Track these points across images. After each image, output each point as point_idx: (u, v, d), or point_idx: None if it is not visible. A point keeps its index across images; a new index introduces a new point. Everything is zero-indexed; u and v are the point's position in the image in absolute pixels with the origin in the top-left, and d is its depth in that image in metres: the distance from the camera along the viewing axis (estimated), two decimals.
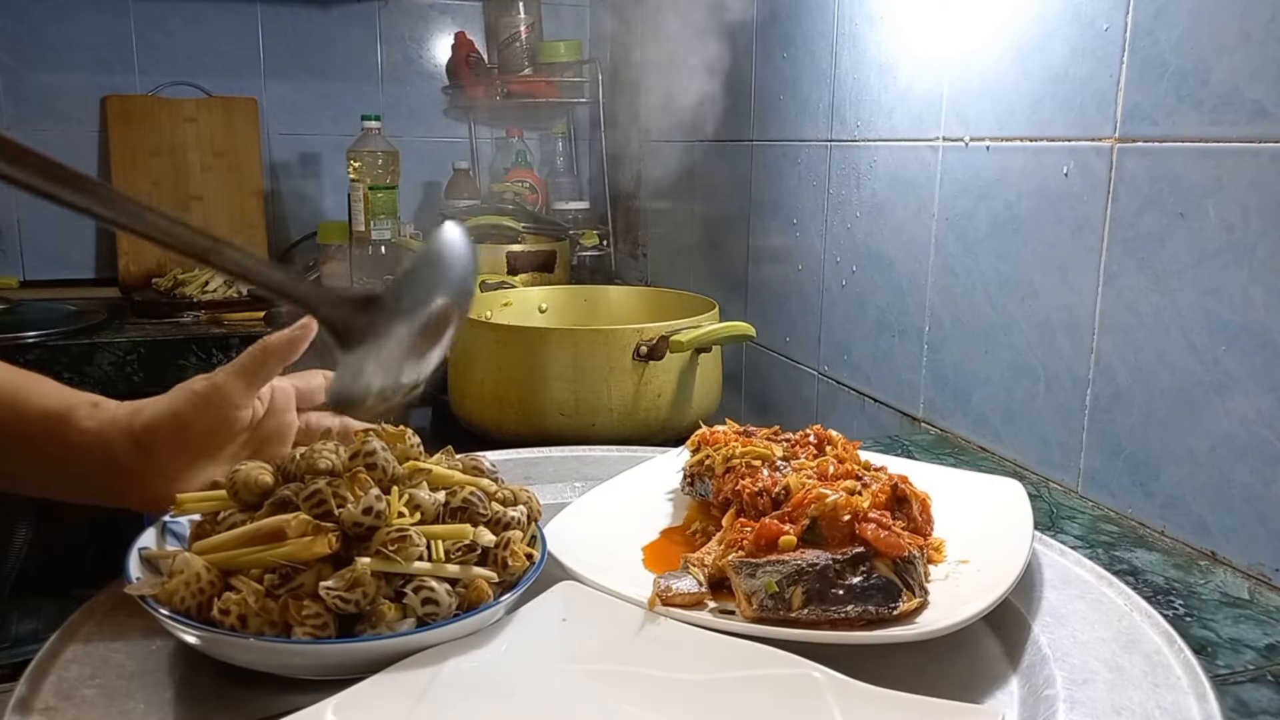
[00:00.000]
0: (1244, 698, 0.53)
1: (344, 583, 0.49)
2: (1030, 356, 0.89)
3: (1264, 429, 0.67)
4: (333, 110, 2.11)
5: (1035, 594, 0.59)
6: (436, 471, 0.58)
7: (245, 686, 0.51)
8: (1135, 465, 0.78)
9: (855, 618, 0.53)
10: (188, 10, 1.99)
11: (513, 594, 0.54)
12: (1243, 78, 0.67)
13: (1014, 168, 0.89)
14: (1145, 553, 0.72)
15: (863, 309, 1.16)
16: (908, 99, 1.05)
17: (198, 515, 0.57)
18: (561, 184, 2.25)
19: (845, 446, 0.70)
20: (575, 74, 2.13)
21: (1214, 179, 0.70)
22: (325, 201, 2.14)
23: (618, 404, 1.01)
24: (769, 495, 0.61)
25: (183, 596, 0.50)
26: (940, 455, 0.95)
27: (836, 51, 1.18)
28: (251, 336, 1.54)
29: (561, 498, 0.74)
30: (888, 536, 0.56)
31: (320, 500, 0.52)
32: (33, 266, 1.96)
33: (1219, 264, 0.70)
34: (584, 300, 1.32)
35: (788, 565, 0.55)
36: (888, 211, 1.10)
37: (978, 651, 0.55)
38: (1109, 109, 0.78)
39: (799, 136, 1.29)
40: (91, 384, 1.47)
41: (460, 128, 2.24)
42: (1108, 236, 0.79)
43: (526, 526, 0.59)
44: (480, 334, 1.05)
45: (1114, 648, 0.53)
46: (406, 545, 0.51)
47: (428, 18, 2.18)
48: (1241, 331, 0.68)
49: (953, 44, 0.97)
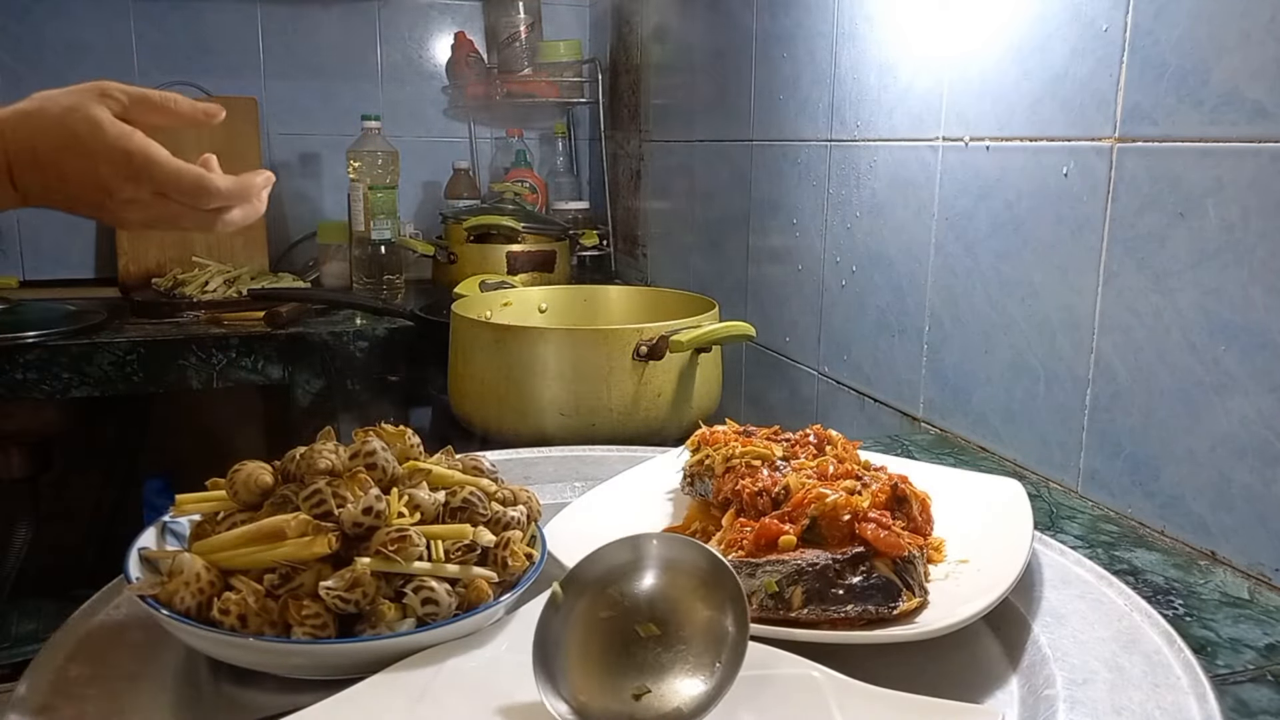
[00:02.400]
0: (1244, 698, 0.53)
1: (344, 583, 0.49)
2: (1030, 356, 0.89)
3: (1264, 429, 0.67)
4: (333, 110, 2.11)
5: (1035, 594, 0.59)
6: (436, 471, 0.58)
7: (245, 686, 0.51)
8: (1135, 465, 0.78)
9: (855, 617, 0.53)
10: (188, 10, 1.99)
11: (513, 594, 0.54)
12: (1243, 78, 0.67)
13: (1014, 168, 0.89)
14: (1145, 553, 0.72)
15: (863, 309, 1.16)
16: (908, 99, 1.05)
17: (198, 515, 0.57)
18: (561, 184, 2.25)
19: (845, 446, 0.70)
20: (575, 74, 2.14)
21: (1214, 179, 0.70)
22: (325, 201, 2.14)
23: (618, 404, 1.01)
24: (769, 495, 0.61)
25: (183, 596, 0.50)
26: (940, 455, 0.95)
27: (836, 51, 1.18)
28: (251, 336, 1.55)
29: (561, 498, 0.74)
30: (888, 536, 0.56)
31: (320, 500, 0.52)
32: (33, 266, 1.96)
33: (1219, 264, 0.70)
34: (584, 300, 1.32)
35: (788, 565, 0.55)
36: (888, 211, 1.10)
37: (978, 651, 0.55)
38: (1109, 109, 0.78)
39: (799, 136, 1.29)
40: (91, 384, 1.47)
41: (460, 128, 2.24)
42: (1108, 236, 0.79)
43: (526, 526, 0.59)
44: (480, 334, 1.05)
45: (1114, 648, 0.53)
46: (406, 545, 0.51)
47: (428, 17, 2.18)
48: (1241, 331, 0.68)
49: (953, 44, 0.97)
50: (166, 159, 0.71)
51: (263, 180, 0.77)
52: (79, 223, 1.95)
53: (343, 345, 1.59)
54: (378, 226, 1.79)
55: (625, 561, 0.50)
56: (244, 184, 0.75)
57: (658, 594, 0.49)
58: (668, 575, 0.50)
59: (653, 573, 0.50)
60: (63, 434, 1.74)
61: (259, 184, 0.77)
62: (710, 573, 0.49)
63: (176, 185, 0.71)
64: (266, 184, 0.78)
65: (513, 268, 1.75)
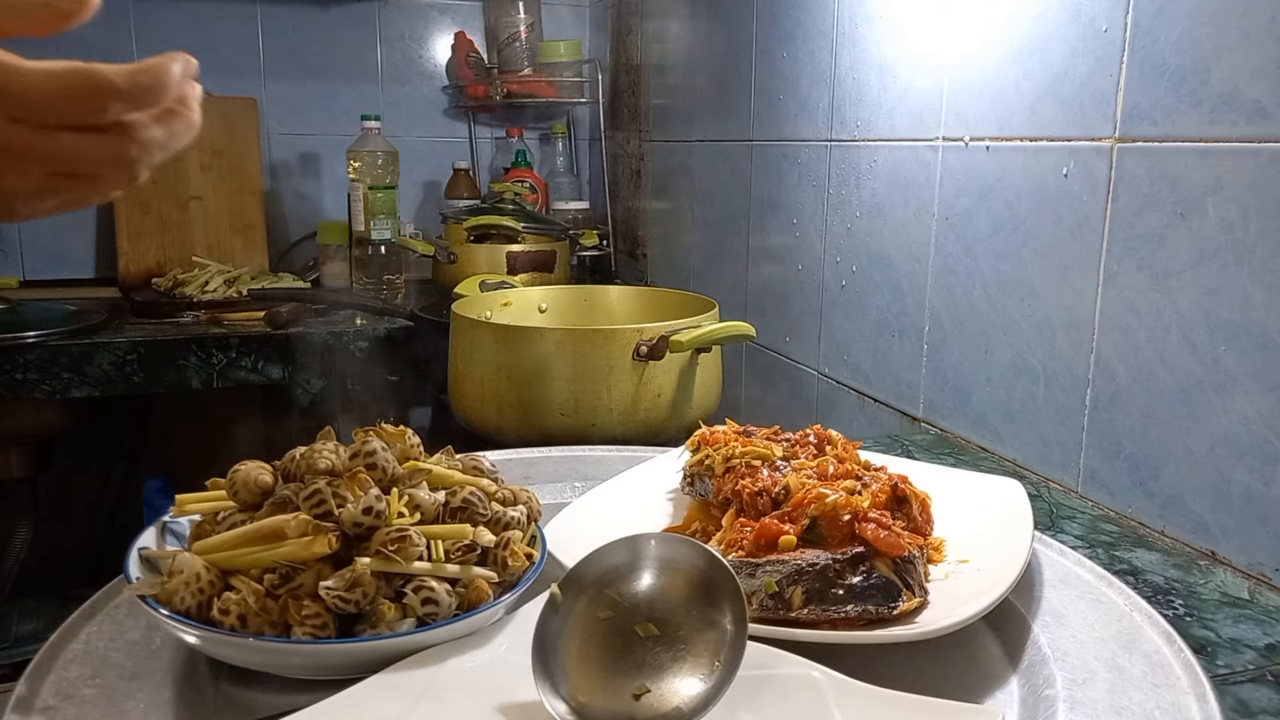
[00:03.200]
0: (1244, 698, 0.53)
1: (344, 583, 0.49)
2: (1030, 356, 0.89)
3: (1264, 429, 0.67)
4: (333, 110, 2.11)
5: (1035, 594, 0.59)
6: (436, 471, 0.58)
7: (245, 686, 0.51)
8: (1135, 465, 0.78)
9: (855, 617, 0.53)
10: (188, 10, 1.99)
11: (513, 594, 0.54)
12: (1243, 78, 0.67)
13: (1014, 168, 0.89)
14: (1145, 553, 0.72)
15: (863, 309, 1.16)
16: (908, 99, 1.05)
17: (198, 515, 0.57)
18: (561, 184, 2.25)
19: (845, 446, 0.70)
20: (575, 74, 2.14)
21: (1214, 179, 0.70)
22: (325, 201, 2.14)
23: (618, 404, 1.01)
24: (769, 495, 0.61)
25: (183, 596, 0.50)
26: (940, 455, 0.95)
27: (836, 51, 1.18)
28: (251, 336, 1.55)
29: (561, 498, 0.74)
30: (888, 536, 0.56)
31: (320, 500, 0.52)
32: (33, 266, 1.96)
33: (1219, 264, 0.70)
34: (584, 300, 1.32)
35: (788, 565, 0.55)
36: (888, 211, 1.10)
37: (978, 651, 0.55)
38: (1109, 109, 0.78)
39: (799, 136, 1.29)
40: (91, 384, 1.47)
41: (460, 128, 2.24)
42: (1107, 236, 0.79)
43: (526, 526, 0.59)
44: (480, 334, 1.05)
45: (1114, 648, 0.53)
46: (406, 545, 0.51)
47: (428, 17, 2.18)
48: (1241, 331, 0.68)
49: (952, 44, 0.97)
50: (27, 67, 0.44)
51: (180, 66, 0.48)
52: (80, 223, 1.95)
53: (343, 345, 1.59)
54: (378, 226, 1.79)
55: (624, 561, 0.50)
56: (149, 70, 0.47)
57: (657, 594, 0.49)
58: (667, 575, 0.50)
59: (652, 573, 0.50)
60: (63, 434, 1.74)
61: (174, 70, 0.47)
62: (709, 573, 0.49)
63: (51, 101, 0.45)
64: (186, 70, 0.48)
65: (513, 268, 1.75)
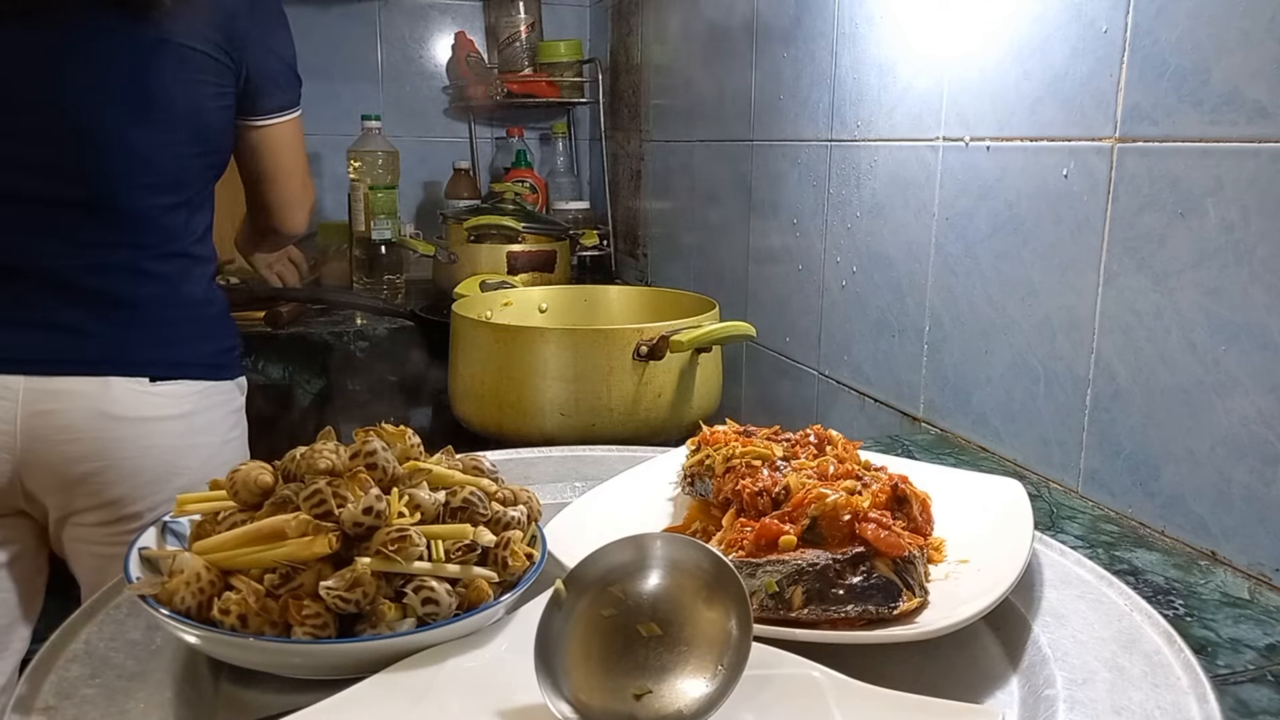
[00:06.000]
0: (1244, 698, 0.53)
1: (344, 583, 0.49)
2: (1030, 356, 0.89)
3: (1264, 429, 0.67)
4: (333, 110, 2.11)
5: (1035, 594, 0.59)
6: (436, 471, 0.58)
7: (245, 686, 0.51)
8: (1135, 465, 0.78)
9: (855, 617, 0.53)
10: None
11: (513, 594, 0.54)
12: (1243, 78, 0.67)
13: (1014, 168, 0.89)
14: (1145, 553, 0.72)
15: (863, 309, 1.16)
16: (908, 99, 1.05)
17: (198, 515, 0.57)
18: (561, 184, 2.25)
19: (845, 446, 0.70)
20: (575, 74, 2.14)
21: (1214, 179, 0.70)
22: (325, 201, 2.14)
23: (618, 404, 1.01)
24: (769, 495, 0.61)
25: (183, 596, 0.50)
26: (940, 455, 0.95)
27: (836, 51, 1.18)
28: (251, 336, 1.54)
29: (561, 498, 0.74)
30: (888, 536, 0.56)
31: (320, 500, 0.52)
32: None
33: (1219, 264, 0.70)
34: (584, 300, 1.32)
35: (788, 565, 0.55)
36: (888, 211, 1.10)
37: (978, 651, 0.55)
38: (1109, 109, 0.78)
39: (799, 136, 1.29)
40: None
41: (460, 128, 2.24)
42: (1108, 236, 0.79)
43: (526, 526, 0.59)
44: (480, 334, 1.05)
45: (1114, 648, 0.53)
46: (406, 545, 0.51)
47: (428, 17, 2.18)
48: (1241, 331, 0.68)
49: (953, 44, 0.97)
50: None
51: None
52: None
53: (343, 345, 1.59)
54: (378, 226, 1.79)
55: (628, 561, 0.50)
56: None
57: (661, 594, 0.49)
58: (671, 576, 0.50)
59: (656, 573, 0.50)
60: None
61: None
62: (714, 574, 0.49)
63: None
64: None
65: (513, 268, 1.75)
